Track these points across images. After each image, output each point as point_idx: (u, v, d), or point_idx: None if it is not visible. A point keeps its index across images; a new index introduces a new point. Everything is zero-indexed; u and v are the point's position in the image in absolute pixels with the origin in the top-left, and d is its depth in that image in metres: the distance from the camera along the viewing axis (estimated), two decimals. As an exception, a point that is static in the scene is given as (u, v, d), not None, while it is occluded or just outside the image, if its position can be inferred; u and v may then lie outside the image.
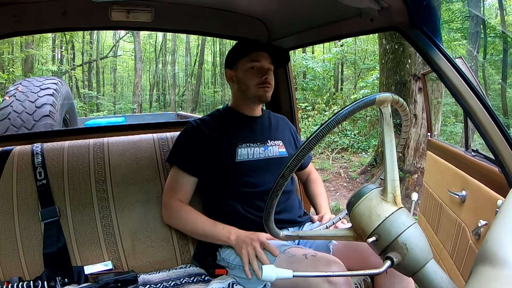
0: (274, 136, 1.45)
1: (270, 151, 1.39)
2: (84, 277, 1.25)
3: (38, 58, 12.17)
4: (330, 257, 1.05)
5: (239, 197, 1.30)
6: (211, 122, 1.39)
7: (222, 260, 1.26)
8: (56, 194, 1.33)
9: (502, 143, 0.93)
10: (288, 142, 1.48)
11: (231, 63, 1.42)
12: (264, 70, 1.37)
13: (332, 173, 5.79)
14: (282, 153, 1.41)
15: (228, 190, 1.32)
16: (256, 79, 1.35)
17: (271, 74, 1.39)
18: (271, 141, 1.42)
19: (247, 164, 1.34)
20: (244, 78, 1.37)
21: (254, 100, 1.39)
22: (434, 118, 4.30)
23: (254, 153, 1.37)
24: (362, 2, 1.06)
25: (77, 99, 12.06)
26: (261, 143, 1.40)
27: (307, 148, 0.70)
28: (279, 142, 1.44)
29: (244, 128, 1.40)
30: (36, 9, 1.35)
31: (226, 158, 1.32)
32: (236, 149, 1.34)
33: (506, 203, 0.54)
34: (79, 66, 13.74)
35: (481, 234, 1.24)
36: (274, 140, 1.43)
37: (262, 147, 1.39)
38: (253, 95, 1.37)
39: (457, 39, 7.09)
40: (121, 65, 15.91)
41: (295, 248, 1.12)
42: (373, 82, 7.65)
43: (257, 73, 1.36)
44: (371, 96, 0.73)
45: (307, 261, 1.02)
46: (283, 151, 1.42)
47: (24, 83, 3.59)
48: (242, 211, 1.28)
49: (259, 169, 1.34)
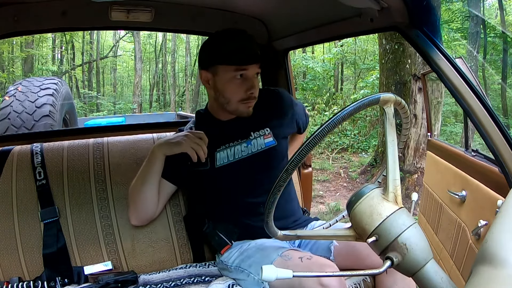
0: (259, 124, 1.28)
1: (253, 145, 1.25)
2: (84, 277, 1.25)
3: (38, 58, 12.17)
4: (325, 260, 1.04)
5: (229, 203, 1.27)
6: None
7: (220, 262, 1.26)
8: (56, 194, 1.33)
9: (502, 143, 0.93)
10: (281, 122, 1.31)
11: (208, 64, 1.18)
12: (251, 80, 1.17)
13: (332, 173, 5.79)
14: (269, 143, 1.27)
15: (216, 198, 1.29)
16: (240, 93, 1.17)
17: (258, 81, 1.21)
18: (254, 133, 1.27)
19: (228, 167, 1.23)
20: (224, 89, 1.17)
21: (234, 114, 1.23)
22: (434, 118, 4.30)
23: (235, 153, 1.24)
24: (362, 2, 1.06)
25: (77, 99, 12.05)
26: (242, 139, 1.26)
27: (313, 142, 0.69)
28: (265, 131, 1.28)
29: (222, 129, 1.27)
30: (36, 9, 1.35)
31: (206, 166, 1.22)
32: (215, 153, 1.24)
33: (506, 203, 0.54)
34: (79, 66, 13.74)
35: (481, 234, 1.24)
36: (259, 130, 1.27)
37: (243, 143, 1.25)
38: (233, 110, 1.21)
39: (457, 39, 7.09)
40: (121, 65, 15.91)
41: (292, 251, 1.10)
42: (373, 82, 7.64)
43: (241, 84, 1.16)
44: (376, 95, 0.74)
45: (303, 264, 1.01)
46: (270, 140, 1.27)
47: (24, 83, 3.59)
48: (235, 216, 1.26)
49: (243, 169, 1.24)
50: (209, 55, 1.18)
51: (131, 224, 1.32)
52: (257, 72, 1.19)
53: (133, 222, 1.31)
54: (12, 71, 10.18)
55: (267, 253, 1.12)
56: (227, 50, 1.15)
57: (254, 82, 1.18)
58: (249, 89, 1.17)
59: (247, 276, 1.13)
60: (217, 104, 1.24)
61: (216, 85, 1.18)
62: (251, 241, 1.22)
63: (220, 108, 1.25)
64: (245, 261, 1.16)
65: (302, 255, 1.05)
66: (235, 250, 1.22)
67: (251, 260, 1.14)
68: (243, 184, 1.25)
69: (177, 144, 1.18)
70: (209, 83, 1.20)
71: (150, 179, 1.21)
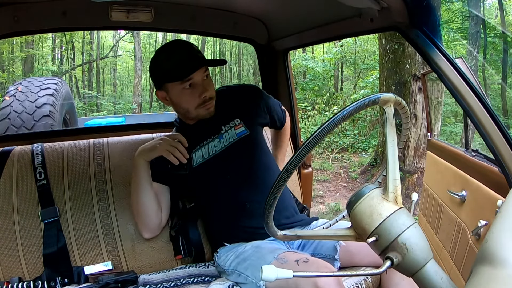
0: (227, 117, 1.30)
1: (225, 138, 1.27)
2: (84, 277, 1.26)
3: (38, 58, 12.16)
4: (322, 262, 1.04)
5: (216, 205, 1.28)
6: None
7: (218, 266, 1.25)
8: (56, 194, 1.33)
9: (502, 143, 0.93)
10: (252, 112, 1.32)
11: (159, 84, 1.22)
12: (200, 85, 1.19)
13: (332, 173, 5.79)
14: (241, 133, 1.28)
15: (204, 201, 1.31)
16: (195, 100, 1.20)
17: (209, 81, 1.21)
18: (225, 126, 1.29)
19: (205, 165, 1.26)
20: (179, 102, 1.22)
21: (198, 118, 1.27)
22: (434, 118, 4.30)
23: (209, 150, 1.27)
24: (362, 2, 1.06)
25: (77, 99, 12.04)
26: (214, 134, 1.28)
27: (313, 142, 0.69)
28: (235, 122, 1.29)
29: (194, 131, 1.29)
30: (36, 9, 1.35)
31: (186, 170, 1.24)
32: (191, 155, 1.25)
33: (506, 203, 0.54)
34: (79, 66, 13.72)
35: (481, 234, 1.23)
36: (229, 122, 1.29)
37: (216, 138, 1.28)
38: (195, 116, 1.25)
39: (457, 39, 7.09)
40: (121, 65, 15.89)
41: (288, 253, 1.09)
42: (373, 82, 7.64)
43: (193, 92, 1.19)
44: (376, 95, 0.73)
45: (299, 267, 1.01)
46: (242, 129, 1.28)
47: (24, 83, 3.59)
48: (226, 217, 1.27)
49: (218, 164, 1.26)
50: (156, 75, 1.22)
51: (145, 238, 1.33)
52: (207, 75, 1.20)
53: (146, 236, 1.32)
54: (12, 71, 10.18)
55: (263, 256, 1.11)
56: (168, 68, 1.18)
57: (204, 85, 1.19)
58: (201, 93, 1.19)
59: (245, 280, 1.12)
60: (181, 115, 1.31)
61: (172, 100, 1.23)
62: (247, 244, 1.22)
63: (186, 118, 1.30)
64: (241, 264, 1.15)
65: (298, 257, 1.04)
66: (231, 253, 1.22)
67: (247, 263, 1.14)
68: (223, 180, 1.26)
69: (152, 149, 1.21)
70: (166, 99, 1.24)
71: (142, 187, 1.23)
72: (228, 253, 1.23)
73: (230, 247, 1.24)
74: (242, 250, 1.19)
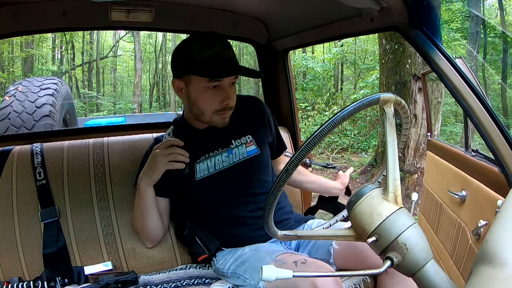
0: (240, 132, 1.22)
1: (235, 154, 1.20)
2: (84, 278, 1.25)
3: (38, 58, 12.16)
4: (320, 263, 1.03)
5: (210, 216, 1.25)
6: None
7: (217, 269, 1.25)
8: (56, 194, 1.33)
9: (502, 143, 0.93)
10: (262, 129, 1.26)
11: (181, 72, 1.11)
12: (226, 90, 1.09)
13: (332, 173, 5.79)
14: (252, 152, 1.21)
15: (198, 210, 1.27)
16: (215, 104, 1.10)
17: (234, 89, 1.13)
18: (236, 141, 1.21)
19: (209, 180, 1.18)
20: (197, 100, 1.11)
21: (209, 124, 1.17)
22: (434, 118, 4.30)
23: (215, 163, 1.18)
24: (362, 2, 1.06)
25: (77, 99, 12.04)
26: (223, 148, 1.20)
27: (313, 142, 0.69)
28: (247, 138, 1.22)
29: (201, 139, 1.21)
30: (36, 9, 1.35)
31: (185, 178, 1.18)
32: (194, 165, 1.18)
33: (506, 203, 0.54)
34: (79, 66, 13.73)
35: (481, 234, 1.23)
36: (240, 138, 1.22)
37: (224, 152, 1.20)
38: (208, 121, 1.15)
39: (457, 39, 7.09)
40: (121, 65, 15.89)
41: (286, 255, 1.08)
42: (373, 82, 7.65)
43: (216, 95, 1.09)
44: (376, 95, 0.74)
45: (297, 269, 1.00)
46: (253, 148, 1.21)
47: (24, 83, 3.59)
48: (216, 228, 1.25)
49: (224, 181, 1.19)
50: (181, 62, 1.11)
51: (148, 247, 1.33)
52: (234, 82, 1.12)
53: (149, 246, 1.33)
54: (12, 71, 10.18)
55: (261, 258, 1.11)
56: (201, 60, 1.07)
57: (229, 92, 1.10)
58: (224, 99, 1.10)
59: (244, 282, 1.12)
60: (191, 115, 1.19)
61: (189, 94, 1.13)
62: (245, 246, 1.21)
63: (195, 119, 1.20)
64: (240, 267, 1.15)
65: (296, 259, 1.03)
66: (229, 256, 1.21)
67: (246, 266, 1.13)
68: (225, 197, 1.21)
69: (155, 171, 1.15)
70: (182, 92, 1.14)
71: (147, 208, 1.22)
72: (226, 256, 1.22)
73: (228, 251, 1.24)
74: (241, 253, 1.19)
